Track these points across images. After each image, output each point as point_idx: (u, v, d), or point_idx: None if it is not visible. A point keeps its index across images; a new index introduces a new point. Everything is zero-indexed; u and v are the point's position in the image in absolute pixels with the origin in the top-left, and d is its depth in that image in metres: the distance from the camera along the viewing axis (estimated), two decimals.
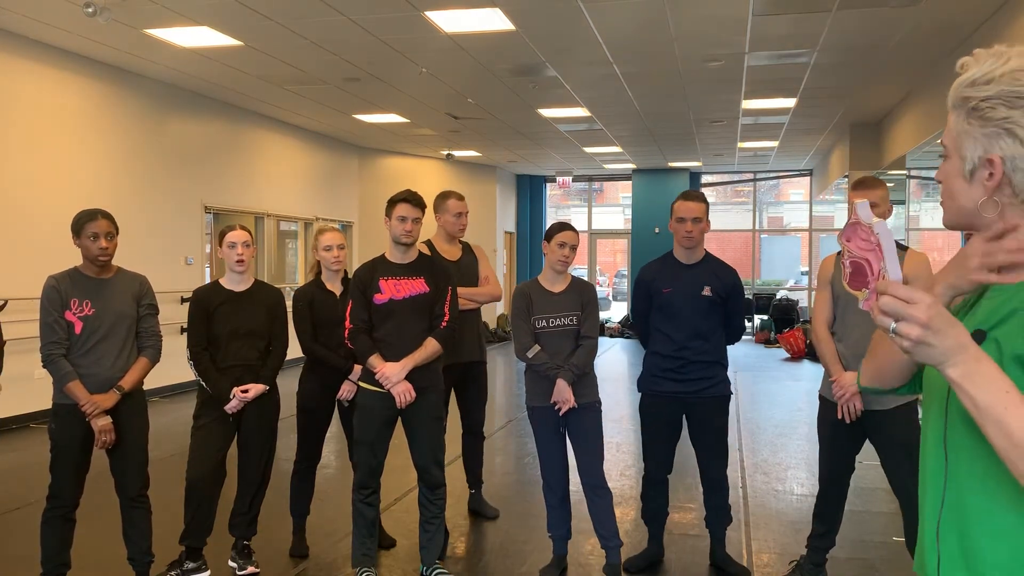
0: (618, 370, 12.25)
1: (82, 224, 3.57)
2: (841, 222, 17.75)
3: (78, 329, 3.56)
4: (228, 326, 3.92)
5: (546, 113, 11.17)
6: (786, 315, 15.76)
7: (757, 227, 18.27)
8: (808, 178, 17.81)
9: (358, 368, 4.10)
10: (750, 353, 14.24)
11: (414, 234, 3.83)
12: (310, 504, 4.45)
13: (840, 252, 1.26)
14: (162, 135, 9.67)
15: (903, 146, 10.27)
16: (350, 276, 4.04)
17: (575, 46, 7.77)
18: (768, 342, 15.62)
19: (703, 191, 13.04)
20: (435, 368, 3.93)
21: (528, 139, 13.46)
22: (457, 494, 5.01)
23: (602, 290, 22.99)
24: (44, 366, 3.55)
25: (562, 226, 3.98)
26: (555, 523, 4.07)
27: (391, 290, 3.80)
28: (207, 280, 10.48)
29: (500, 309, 16.63)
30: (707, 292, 3.91)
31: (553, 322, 3.92)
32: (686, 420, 4.02)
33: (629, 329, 16.76)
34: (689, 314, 3.91)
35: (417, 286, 3.84)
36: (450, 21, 6.97)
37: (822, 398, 3.75)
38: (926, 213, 17.40)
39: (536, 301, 3.95)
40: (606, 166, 17.17)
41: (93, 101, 8.62)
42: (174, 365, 5.87)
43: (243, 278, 4.03)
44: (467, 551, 4.51)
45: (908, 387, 1.42)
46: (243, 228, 4.03)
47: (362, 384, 3.88)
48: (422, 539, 3.98)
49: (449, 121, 11.79)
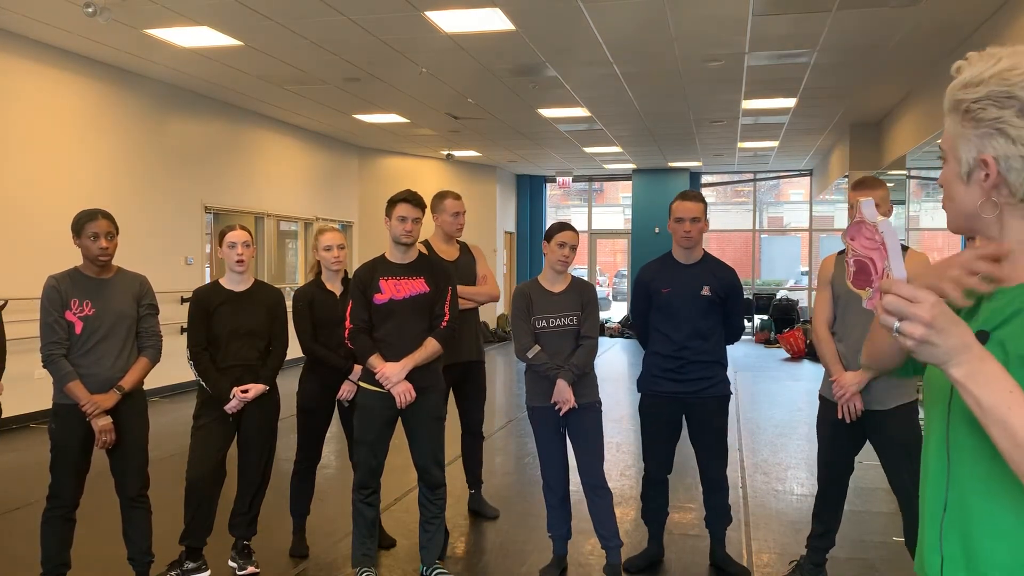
0: (618, 370, 12.24)
1: (82, 224, 3.57)
2: (841, 222, 17.80)
3: (78, 329, 3.56)
4: (228, 326, 3.92)
5: (546, 113, 11.17)
6: (786, 315, 15.76)
7: (757, 227, 18.27)
8: (808, 178, 17.81)
9: (358, 368, 4.10)
10: (750, 353, 14.24)
11: (414, 234, 3.83)
12: (310, 504, 4.45)
13: (841, 251, 1.26)
14: (162, 135, 9.67)
15: (903, 146, 10.26)
16: (350, 276, 4.04)
17: (575, 46, 7.77)
18: (768, 342, 15.63)
19: (702, 191, 13.04)
20: (435, 368, 3.93)
21: (528, 139, 13.46)
22: (457, 494, 5.01)
23: (602, 290, 22.99)
24: (44, 366, 3.55)
25: (562, 226, 3.98)
26: (555, 523, 4.07)
27: (391, 290, 3.80)
28: (207, 280, 10.48)
29: (500, 309, 16.62)
30: (706, 292, 3.91)
31: (553, 322, 3.92)
32: (686, 420, 4.02)
33: (629, 329, 16.75)
34: (688, 314, 3.91)
35: (417, 286, 3.83)
36: (450, 21, 6.97)
37: (822, 398, 3.75)
38: (926, 213, 17.41)
39: (536, 301, 3.95)
40: (606, 166, 17.16)
41: (93, 101, 8.62)
42: (174, 365, 5.87)
43: (243, 278, 4.03)
44: (467, 551, 4.51)
45: (903, 370, 1.43)
46: (243, 228, 4.03)
47: (362, 384, 3.88)
48: (422, 539, 3.98)
49: (449, 121, 11.79)
